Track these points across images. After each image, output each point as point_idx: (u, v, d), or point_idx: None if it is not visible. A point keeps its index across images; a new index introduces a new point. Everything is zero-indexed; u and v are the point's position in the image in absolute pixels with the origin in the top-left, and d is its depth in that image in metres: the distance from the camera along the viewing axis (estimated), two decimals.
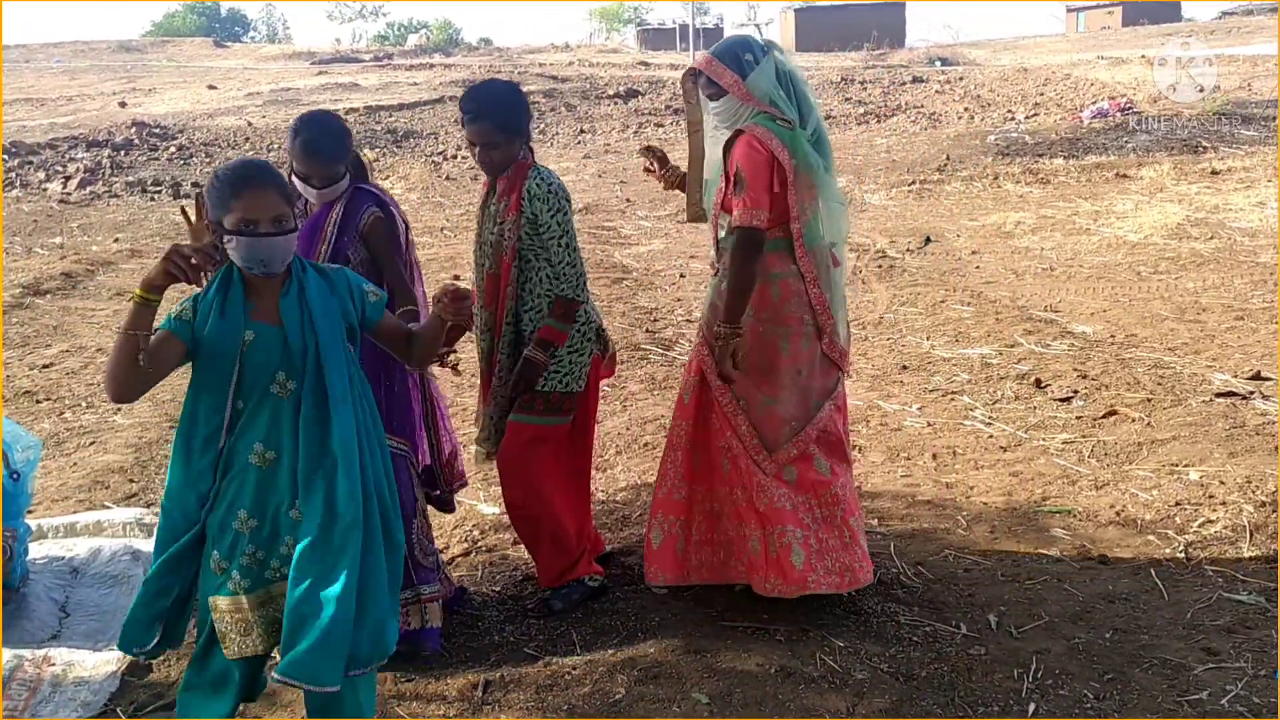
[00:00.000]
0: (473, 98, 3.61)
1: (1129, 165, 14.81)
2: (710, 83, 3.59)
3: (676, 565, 3.70)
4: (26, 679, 3.38)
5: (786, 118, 3.52)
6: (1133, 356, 6.54)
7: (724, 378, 3.52)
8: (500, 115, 3.57)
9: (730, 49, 3.60)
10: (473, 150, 3.63)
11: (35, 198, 16.28)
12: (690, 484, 3.71)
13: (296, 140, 3.42)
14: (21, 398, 6.65)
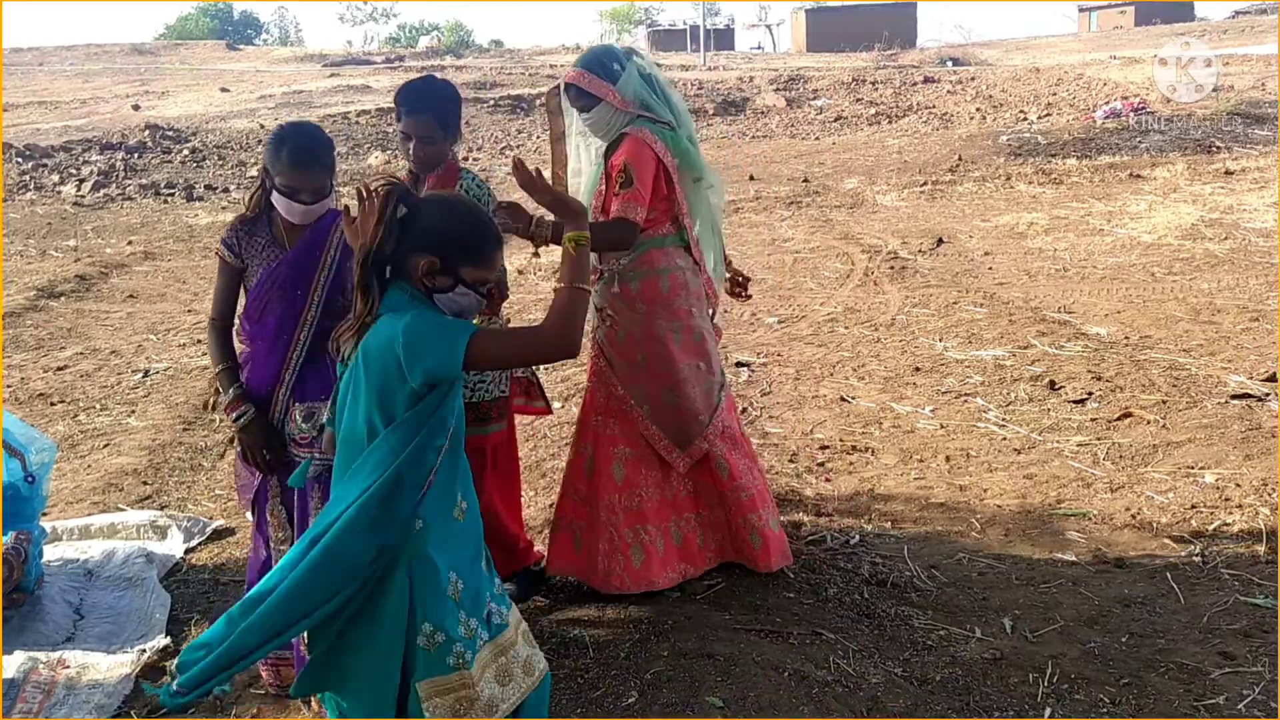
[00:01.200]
0: (414, 91, 3.51)
1: (1142, 165, 14.75)
2: (582, 94, 3.69)
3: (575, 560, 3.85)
4: (41, 681, 3.39)
5: (664, 119, 3.74)
6: (1147, 358, 6.51)
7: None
8: (441, 110, 3.49)
9: (597, 58, 3.73)
10: (406, 145, 3.48)
11: (49, 200, 16.36)
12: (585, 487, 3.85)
13: (283, 150, 3.09)
14: (36, 400, 6.68)
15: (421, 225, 2.38)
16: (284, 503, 3.20)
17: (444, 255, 2.36)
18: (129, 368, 7.34)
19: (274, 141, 3.15)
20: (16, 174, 17.91)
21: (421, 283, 2.37)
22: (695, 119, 25.02)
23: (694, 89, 28.31)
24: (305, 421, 3.15)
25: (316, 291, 3.15)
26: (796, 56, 45.40)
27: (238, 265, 3.21)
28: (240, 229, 3.23)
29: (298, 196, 3.11)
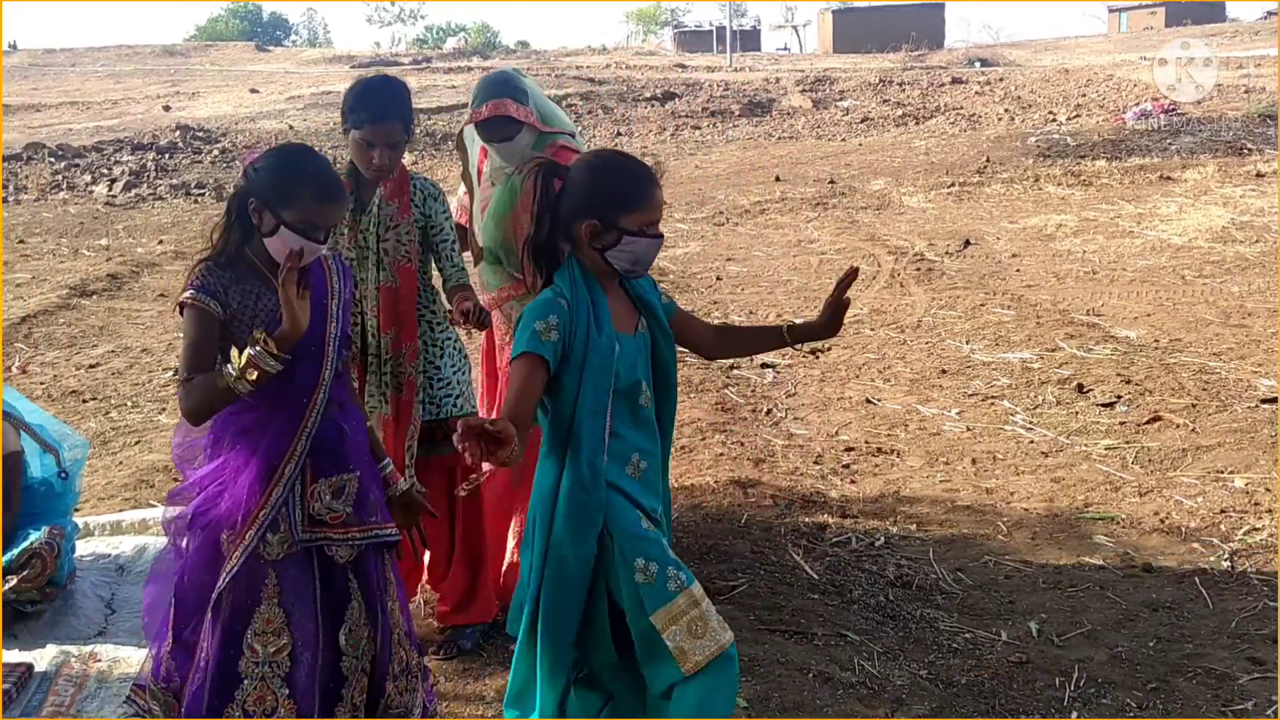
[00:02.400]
0: (377, 94, 3.25)
1: (1173, 167, 14.62)
2: (510, 123, 3.49)
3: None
4: (73, 675, 3.43)
5: (567, 130, 3.72)
6: (1177, 361, 6.46)
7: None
8: (405, 114, 3.29)
9: (509, 84, 3.58)
10: (368, 154, 3.21)
11: (81, 200, 16.54)
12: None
13: (305, 182, 2.53)
14: (68, 397, 6.76)
15: (571, 194, 2.41)
16: (283, 604, 2.58)
17: (600, 214, 2.38)
18: (159, 365, 7.41)
19: (290, 169, 2.56)
20: (49, 174, 18.12)
21: (590, 247, 2.40)
22: (721, 120, 25.16)
23: (720, 90, 28.30)
24: (336, 499, 2.63)
25: (330, 345, 2.63)
26: (823, 57, 45.30)
27: (222, 317, 2.56)
28: (219, 272, 2.58)
29: (315, 235, 2.54)
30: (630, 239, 2.39)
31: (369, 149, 3.22)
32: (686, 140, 21.98)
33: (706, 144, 21.37)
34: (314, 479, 2.61)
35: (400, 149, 3.30)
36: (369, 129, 3.20)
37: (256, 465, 2.57)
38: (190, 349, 2.57)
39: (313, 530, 2.60)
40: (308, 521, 2.60)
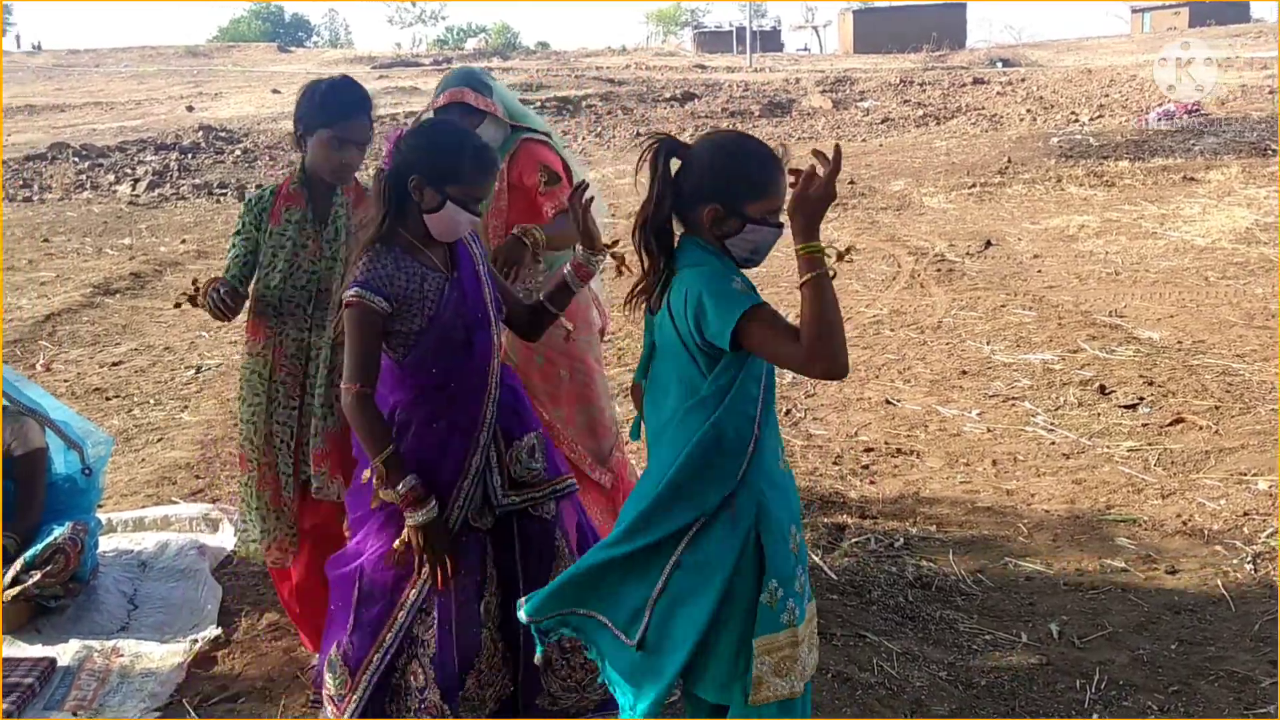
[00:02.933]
0: (348, 90, 3.07)
1: (1196, 168, 14.52)
2: (469, 111, 3.43)
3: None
4: (96, 670, 3.47)
5: (541, 129, 3.69)
6: (1200, 363, 6.41)
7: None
8: (371, 113, 3.18)
9: (471, 76, 3.57)
10: (335, 154, 3.04)
11: (105, 199, 16.68)
12: None
13: (468, 155, 2.55)
14: (92, 395, 6.82)
15: (696, 177, 2.27)
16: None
17: (724, 199, 2.24)
18: (182, 364, 7.47)
19: (450, 144, 2.56)
20: (74, 173, 18.27)
21: (710, 233, 2.27)
22: (740, 120, 25.14)
23: (740, 90, 28.27)
24: (531, 458, 2.74)
25: (493, 308, 2.68)
26: (843, 58, 45.19)
27: (387, 312, 2.53)
28: (382, 260, 2.54)
29: (475, 208, 2.57)
30: (753, 227, 2.25)
31: (338, 148, 3.03)
32: None
33: None
34: (509, 443, 2.73)
35: (364, 149, 3.17)
36: (341, 125, 3.03)
37: (456, 440, 2.62)
38: (360, 355, 2.52)
39: (517, 492, 2.74)
40: (509, 484, 2.73)
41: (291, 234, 3.12)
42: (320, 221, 3.15)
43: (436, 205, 2.53)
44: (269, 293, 3.11)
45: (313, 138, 3.05)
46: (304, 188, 3.14)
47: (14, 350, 7.79)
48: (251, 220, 3.15)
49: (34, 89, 35.26)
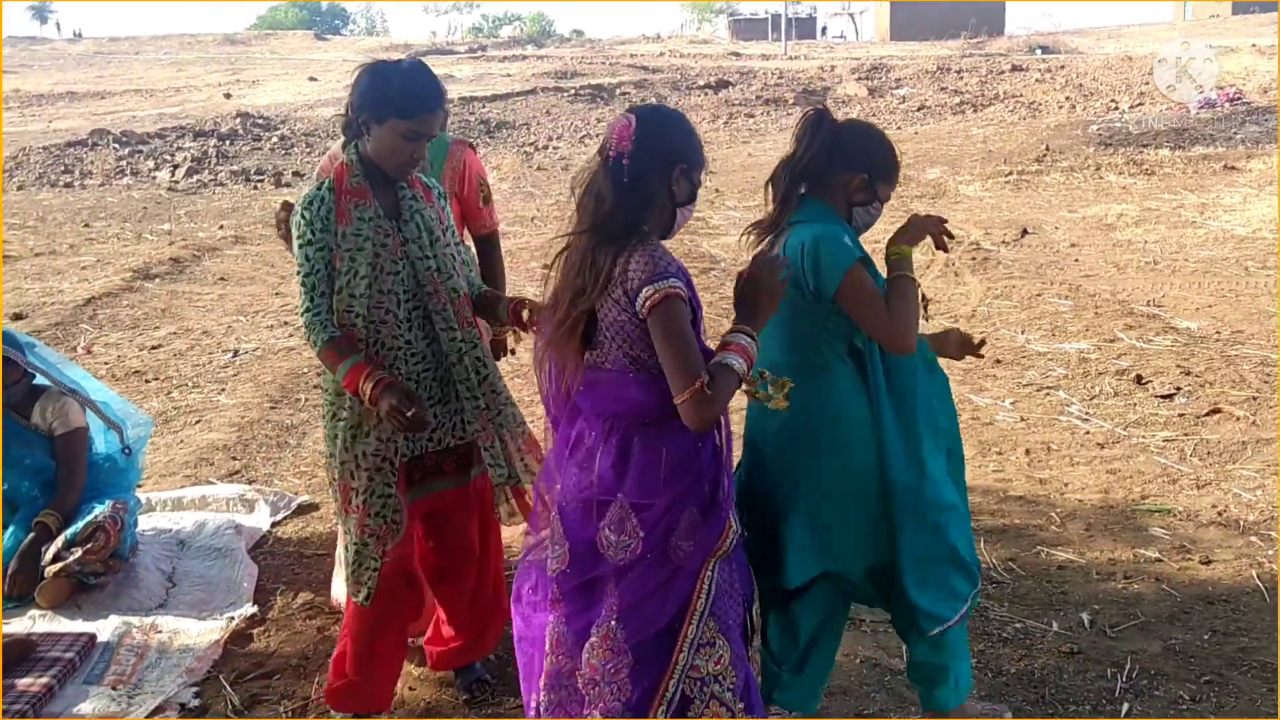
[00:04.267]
0: (429, 79, 2.80)
1: (1237, 157, 14.30)
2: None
3: None
4: (135, 645, 3.53)
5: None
6: (1239, 353, 6.34)
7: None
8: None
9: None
10: (409, 147, 2.77)
11: (145, 185, 16.87)
12: None
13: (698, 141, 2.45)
14: (131, 377, 6.92)
15: (852, 146, 2.64)
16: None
17: (871, 172, 2.65)
18: (219, 348, 7.56)
19: (687, 127, 2.44)
20: (114, 159, 18.49)
21: (848, 197, 2.64)
22: (775, 108, 25.02)
23: (774, 78, 28.13)
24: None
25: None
26: (880, 45, 44.83)
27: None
28: (666, 252, 2.37)
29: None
30: (878, 205, 2.71)
31: (413, 141, 2.77)
32: (740, 129, 21.91)
33: (760, 132, 21.29)
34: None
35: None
36: (423, 118, 2.76)
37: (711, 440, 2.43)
38: (690, 347, 2.29)
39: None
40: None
41: (369, 233, 2.77)
42: (393, 217, 2.83)
43: (688, 197, 2.41)
44: (356, 302, 2.75)
45: (381, 127, 2.74)
46: (366, 181, 2.81)
47: (56, 333, 7.91)
48: (319, 224, 2.75)
49: (75, 76, 35.69)
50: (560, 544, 2.42)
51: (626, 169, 2.30)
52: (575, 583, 2.39)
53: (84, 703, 3.22)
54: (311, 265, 2.75)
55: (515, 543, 3.57)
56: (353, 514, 2.84)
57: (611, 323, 2.33)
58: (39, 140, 20.17)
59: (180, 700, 3.23)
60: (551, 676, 2.42)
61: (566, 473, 2.45)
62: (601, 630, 2.35)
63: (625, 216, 2.32)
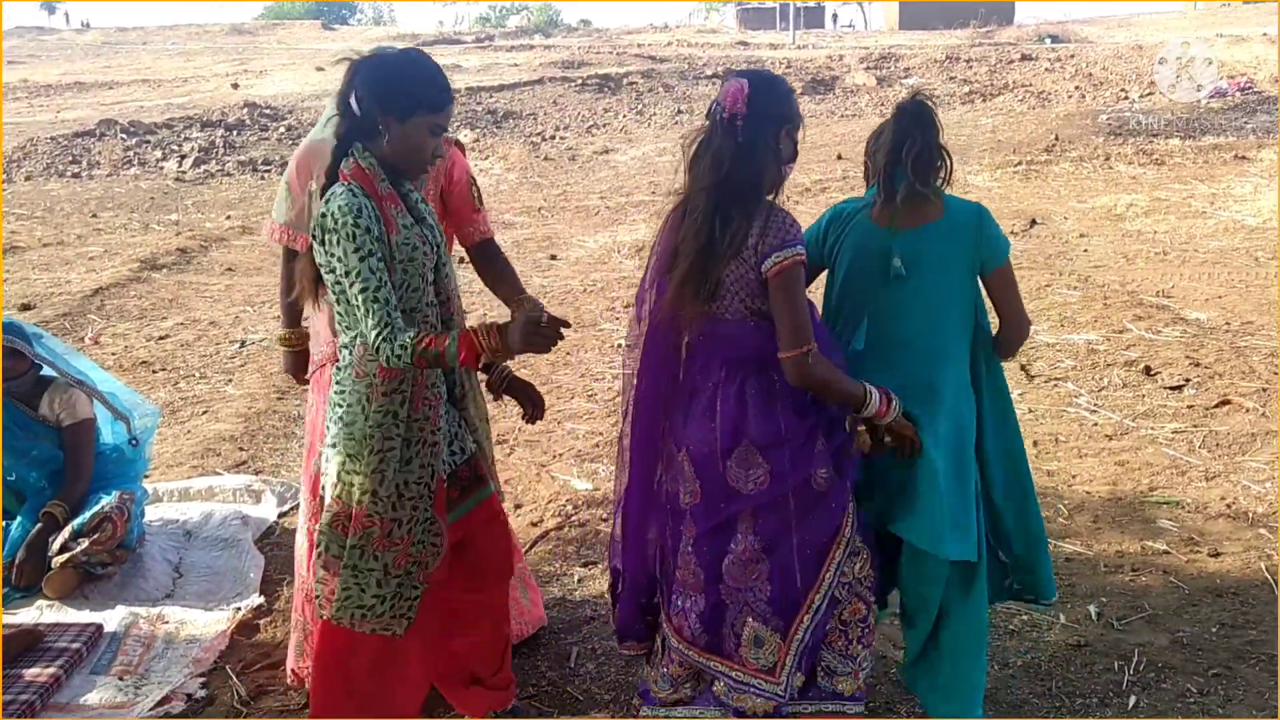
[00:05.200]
0: (439, 72, 2.63)
1: (1248, 147, 14.22)
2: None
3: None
4: (141, 635, 3.54)
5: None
6: (1248, 345, 6.30)
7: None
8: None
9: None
10: (429, 143, 2.60)
11: (152, 176, 16.88)
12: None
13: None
14: (139, 367, 6.93)
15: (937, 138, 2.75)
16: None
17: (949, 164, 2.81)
18: (226, 338, 7.57)
19: (789, 89, 2.63)
20: (121, 150, 18.49)
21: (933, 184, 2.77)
22: None
23: (782, 68, 28.03)
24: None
25: None
26: (889, 34, 44.66)
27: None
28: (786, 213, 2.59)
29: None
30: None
31: (436, 136, 2.62)
32: None
33: None
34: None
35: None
36: (447, 110, 2.62)
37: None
38: (803, 312, 2.53)
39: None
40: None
41: (415, 241, 2.60)
42: (418, 221, 2.67)
43: (792, 155, 2.60)
44: (408, 320, 2.57)
45: (405, 124, 2.55)
46: (390, 183, 2.61)
47: (63, 323, 7.93)
48: (376, 234, 2.49)
49: (83, 66, 35.70)
50: (691, 482, 2.68)
51: (740, 130, 2.47)
52: (708, 515, 2.66)
53: (91, 693, 3.23)
54: (378, 278, 2.46)
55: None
56: (394, 546, 2.64)
57: (737, 279, 2.54)
58: (47, 130, 20.17)
59: (187, 690, 3.23)
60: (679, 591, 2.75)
61: (688, 429, 2.66)
62: (740, 546, 2.66)
63: (743, 175, 2.49)
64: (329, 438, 2.67)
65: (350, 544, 2.63)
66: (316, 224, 2.51)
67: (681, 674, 2.84)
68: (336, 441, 2.63)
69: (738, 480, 2.63)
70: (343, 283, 2.48)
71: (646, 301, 2.73)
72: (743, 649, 2.72)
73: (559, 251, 10.18)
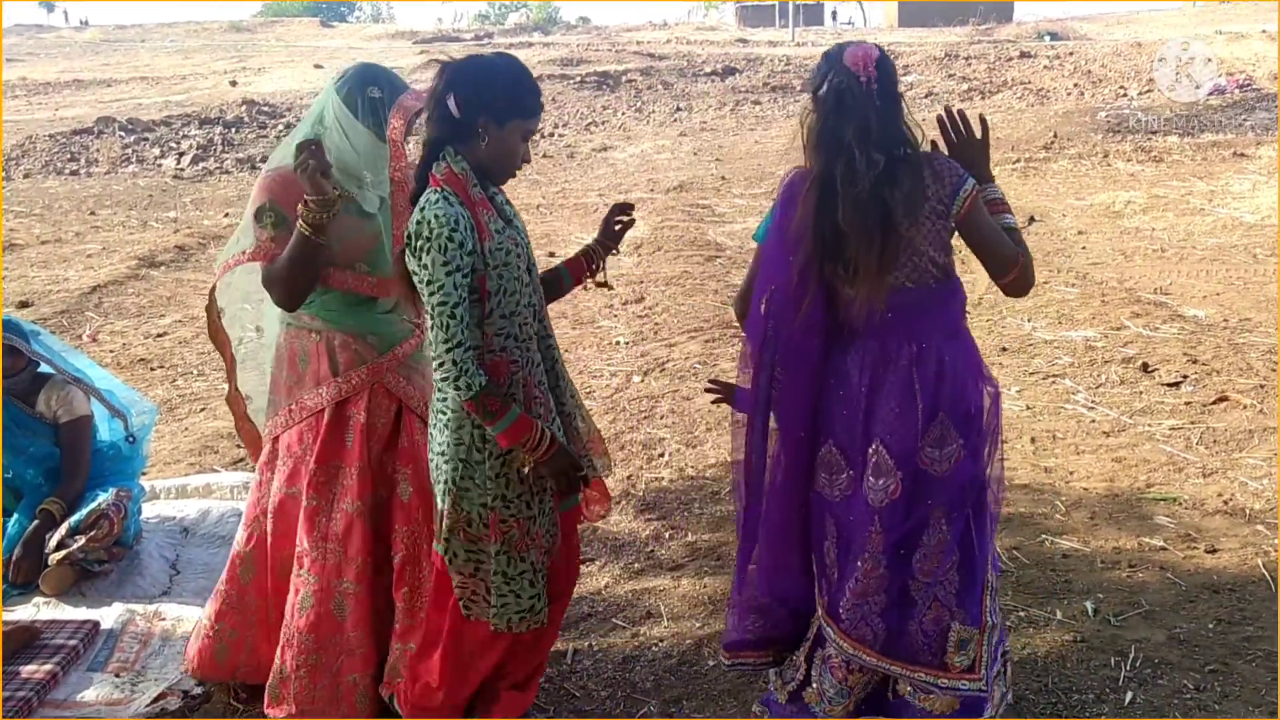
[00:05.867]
0: (534, 83, 2.63)
1: (1247, 144, 14.22)
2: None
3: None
4: (138, 633, 3.54)
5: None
6: (1246, 341, 6.31)
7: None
8: None
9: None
10: (523, 148, 2.61)
11: (150, 173, 16.86)
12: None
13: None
14: (137, 364, 6.92)
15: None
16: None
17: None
18: None
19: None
20: (120, 147, 18.48)
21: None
22: (782, 95, 24.95)
23: (781, 65, 28.02)
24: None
25: None
26: (888, 31, 44.63)
27: None
28: None
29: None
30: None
31: (526, 141, 2.61)
32: (746, 115, 21.82)
33: (766, 119, 21.20)
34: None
35: None
36: (537, 119, 2.62)
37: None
38: (998, 230, 2.64)
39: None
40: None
41: (509, 245, 2.60)
42: (502, 220, 2.66)
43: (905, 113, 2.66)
44: (508, 323, 2.61)
45: (503, 129, 2.53)
46: (481, 189, 2.60)
47: (61, 321, 7.92)
48: (469, 248, 2.49)
49: (81, 64, 35.69)
50: (890, 475, 2.56)
51: (877, 92, 2.48)
52: (904, 508, 2.57)
53: (87, 690, 3.22)
54: (460, 294, 2.46)
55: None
56: (534, 544, 2.68)
57: (923, 237, 2.50)
58: (45, 128, 20.16)
59: (183, 688, 3.23)
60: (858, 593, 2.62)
61: (875, 421, 2.56)
62: (933, 538, 2.59)
63: (895, 133, 2.50)
64: (437, 446, 2.65)
65: (496, 550, 2.65)
66: (410, 229, 2.48)
67: (858, 680, 2.74)
68: (446, 449, 2.62)
69: (933, 462, 2.56)
70: (422, 291, 2.49)
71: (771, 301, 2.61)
72: (949, 655, 2.62)
73: (557, 249, 10.16)
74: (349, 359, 2.96)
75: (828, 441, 2.63)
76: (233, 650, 3.13)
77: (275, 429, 3.09)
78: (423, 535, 2.91)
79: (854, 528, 2.62)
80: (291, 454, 3.01)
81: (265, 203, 2.91)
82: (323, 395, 2.97)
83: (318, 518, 2.93)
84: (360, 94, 2.85)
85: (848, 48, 2.51)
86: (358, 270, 2.93)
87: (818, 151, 2.51)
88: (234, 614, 3.11)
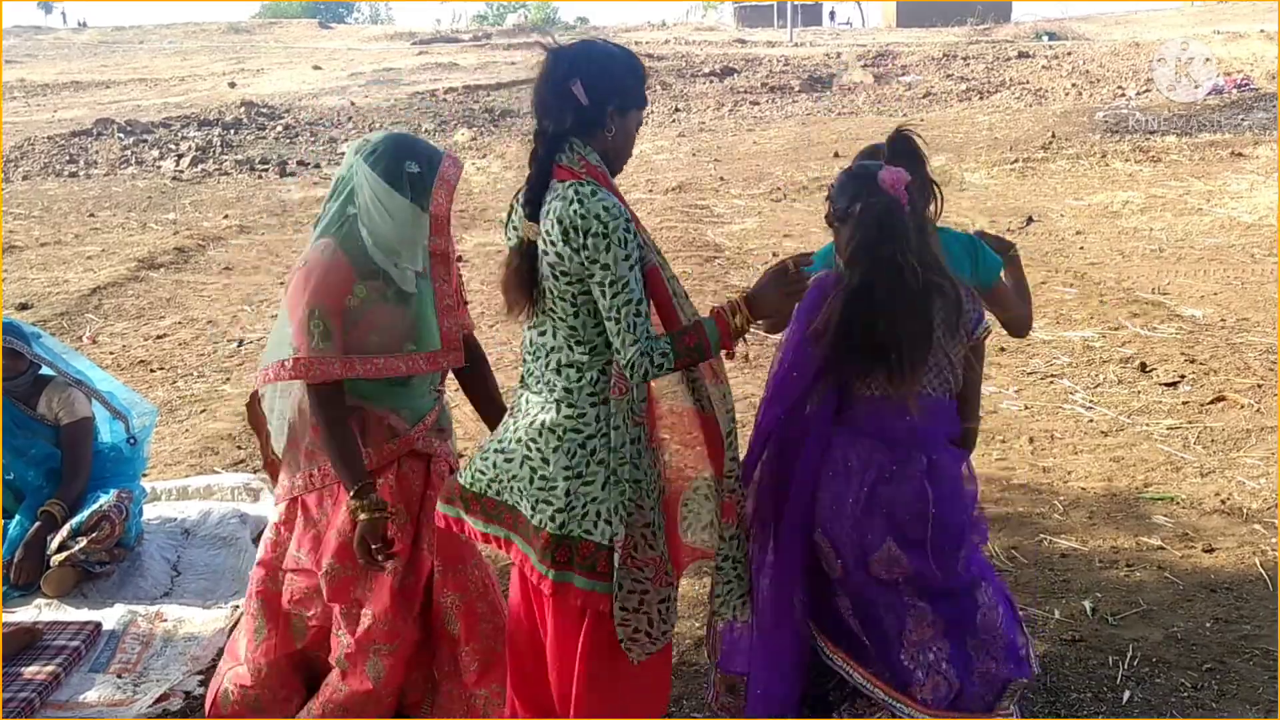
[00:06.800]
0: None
1: (1244, 144, 14.24)
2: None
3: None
4: (140, 633, 3.55)
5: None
6: (1244, 341, 6.32)
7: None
8: None
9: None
10: (635, 134, 2.45)
11: (150, 175, 16.86)
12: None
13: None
14: (137, 366, 6.93)
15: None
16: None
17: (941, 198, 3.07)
18: (224, 337, 7.57)
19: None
20: (119, 149, 18.49)
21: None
22: (780, 95, 24.96)
23: (780, 65, 28.04)
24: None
25: None
26: (886, 32, 44.65)
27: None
28: None
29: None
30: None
31: (637, 128, 2.45)
32: (745, 116, 21.83)
33: (765, 120, 21.21)
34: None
35: None
36: (647, 108, 2.49)
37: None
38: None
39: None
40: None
41: (646, 240, 2.37)
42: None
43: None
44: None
45: (626, 117, 2.37)
46: (605, 180, 2.35)
47: (61, 323, 7.93)
48: (638, 241, 2.28)
49: (80, 66, 35.67)
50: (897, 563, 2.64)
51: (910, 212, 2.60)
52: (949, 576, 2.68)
53: (90, 690, 3.24)
54: (641, 290, 2.24)
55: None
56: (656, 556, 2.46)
57: (949, 351, 2.63)
58: (44, 130, 20.15)
59: (185, 688, 3.25)
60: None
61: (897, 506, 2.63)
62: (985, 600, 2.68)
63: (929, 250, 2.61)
64: (557, 469, 2.34)
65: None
66: (567, 223, 2.21)
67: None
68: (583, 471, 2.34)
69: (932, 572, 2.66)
70: (594, 290, 2.22)
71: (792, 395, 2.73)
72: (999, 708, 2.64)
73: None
74: (380, 435, 2.80)
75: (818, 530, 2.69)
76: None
77: (294, 490, 2.92)
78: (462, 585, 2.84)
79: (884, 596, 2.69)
80: (311, 520, 2.86)
81: (315, 310, 2.63)
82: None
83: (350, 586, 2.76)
84: (398, 168, 2.65)
85: (879, 171, 2.56)
86: (405, 351, 2.75)
87: (857, 264, 2.54)
88: (258, 688, 2.90)
